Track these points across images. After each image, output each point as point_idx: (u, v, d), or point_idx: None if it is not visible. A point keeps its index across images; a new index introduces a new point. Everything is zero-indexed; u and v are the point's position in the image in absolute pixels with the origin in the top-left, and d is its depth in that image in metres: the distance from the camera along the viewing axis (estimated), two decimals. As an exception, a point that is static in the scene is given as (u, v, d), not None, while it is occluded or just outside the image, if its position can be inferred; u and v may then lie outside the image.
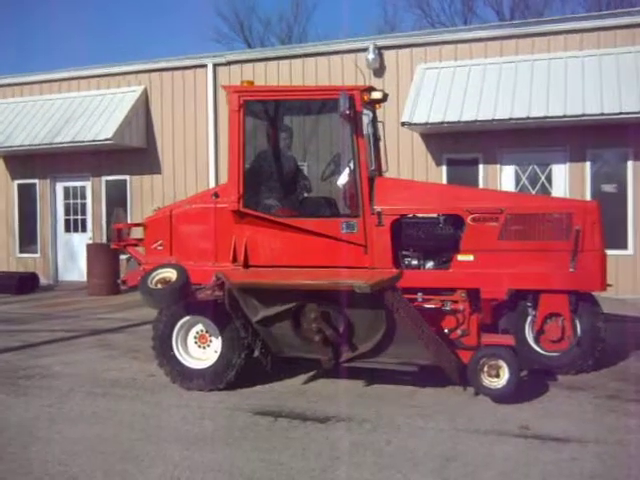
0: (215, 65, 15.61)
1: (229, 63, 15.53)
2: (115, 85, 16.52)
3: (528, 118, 12.24)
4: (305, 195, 7.92)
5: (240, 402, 6.21)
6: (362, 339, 6.20)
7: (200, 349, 6.77)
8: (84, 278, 15.27)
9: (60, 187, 17.13)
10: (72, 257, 16.92)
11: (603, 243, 6.89)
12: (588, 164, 12.87)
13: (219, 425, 5.65)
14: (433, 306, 6.54)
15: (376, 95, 7.38)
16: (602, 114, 11.84)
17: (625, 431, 5.31)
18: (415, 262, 7.24)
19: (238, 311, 6.37)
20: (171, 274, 6.50)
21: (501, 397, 5.99)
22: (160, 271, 6.58)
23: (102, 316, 11.64)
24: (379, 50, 14.19)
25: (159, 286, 6.45)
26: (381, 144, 8.17)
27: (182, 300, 6.51)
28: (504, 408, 5.89)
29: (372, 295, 5.68)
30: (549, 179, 13.13)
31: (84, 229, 16.96)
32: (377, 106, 7.91)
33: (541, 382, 6.63)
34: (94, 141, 15.31)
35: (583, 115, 11.96)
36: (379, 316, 5.98)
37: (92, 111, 16.04)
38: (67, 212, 17.18)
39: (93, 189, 16.74)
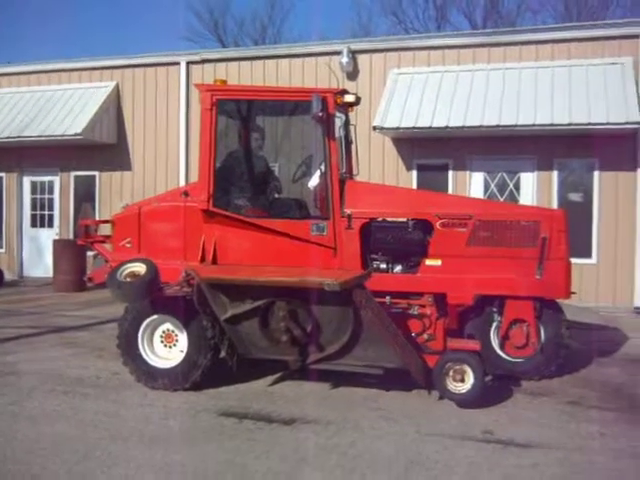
0: (188, 63, 15.52)
1: (203, 61, 15.45)
2: (87, 80, 16.32)
3: (498, 126, 12.38)
4: (275, 196, 7.91)
5: (205, 402, 6.17)
6: (330, 339, 6.21)
7: (166, 348, 6.72)
8: (50, 274, 15.05)
9: (27, 181, 16.86)
10: (38, 253, 16.66)
11: (569, 251, 7.00)
12: (555, 173, 13.05)
13: (183, 425, 5.61)
14: (401, 310, 6.58)
15: (349, 98, 7.40)
16: (570, 124, 12.02)
17: (586, 437, 5.39)
18: (384, 266, 7.26)
19: (206, 308, 6.33)
20: (140, 268, 6.46)
21: (466, 402, 6.04)
22: (129, 265, 6.54)
23: (67, 313, 11.50)
24: (353, 54, 14.24)
25: (128, 280, 6.40)
26: (353, 147, 8.19)
27: (151, 295, 6.47)
28: (468, 413, 5.94)
29: (341, 294, 5.71)
30: (517, 187, 13.29)
31: (51, 224, 16.73)
32: (350, 109, 7.94)
33: (505, 387, 6.71)
34: (63, 136, 15.11)
35: (552, 125, 12.12)
36: (347, 316, 6.00)
37: (63, 105, 15.84)
38: (34, 207, 16.91)
39: (61, 184, 16.52)
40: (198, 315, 6.46)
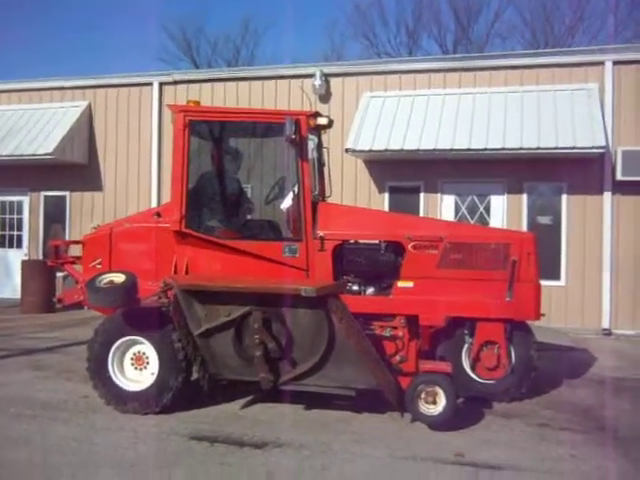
0: (161, 84, 15.50)
1: (176, 82, 15.45)
2: (58, 99, 16.21)
3: (469, 149, 12.53)
4: (248, 217, 7.91)
5: (176, 426, 6.10)
6: (303, 355, 6.17)
7: (137, 371, 6.65)
8: (18, 295, 14.81)
9: (-4, 201, 16.65)
10: (6, 273, 16.38)
11: (538, 274, 7.09)
12: (525, 196, 13.23)
13: (154, 449, 5.54)
14: (373, 332, 6.58)
15: (322, 121, 7.45)
16: (539, 148, 12.21)
17: (556, 459, 5.43)
18: (356, 287, 7.28)
19: (181, 321, 6.30)
20: (119, 278, 6.52)
21: (437, 424, 6.05)
22: (108, 275, 6.63)
23: (35, 335, 11.31)
24: (326, 77, 14.34)
25: (107, 285, 6.44)
26: (325, 169, 8.23)
27: (128, 303, 6.47)
28: (440, 435, 5.95)
29: (316, 304, 5.77)
30: (487, 209, 13.44)
31: (19, 245, 16.49)
32: (323, 132, 7.99)
33: (477, 409, 6.73)
34: (34, 155, 14.95)
35: (521, 149, 12.31)
36: (322, 329, 5.98)
37: (33, 125, 15.68)
38: (2, 227, 16.66)
39: (31, 204, 16.32)
40: (170, 337, 6.42)
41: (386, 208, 13.71)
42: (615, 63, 12.89)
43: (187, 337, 6.36)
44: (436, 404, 6.06)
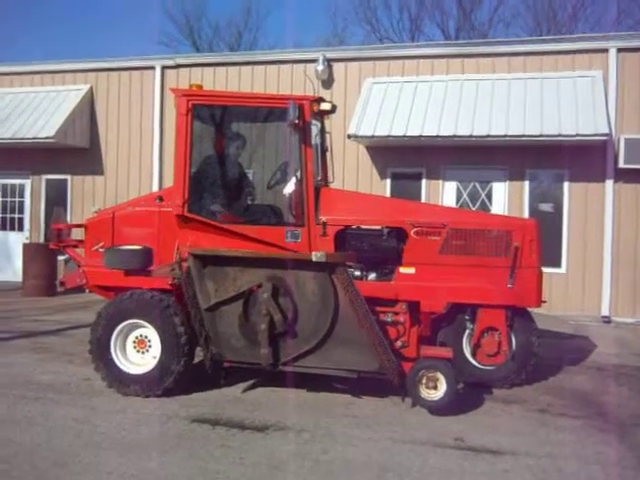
0: (163, 67, 15.46)
1: (178, 66, 15.41)
2: (60, 82, 16.15)
3: (471, 136, 12.52)
4: (251, 202, 7.90)
5: (178, 409, 6.14)
6: (308, 331, 6.20)
7: (139, 354, 6.69)
8: (19, 278, 14.83)
9: (-3, 184, 16.66)
10: (7, 256, 16.42)
11: (540, 260, 7.10)
12: (527, 183, 13.23)
13: (155, 432, 5.58)
14: (375, 317, 6.59)
15: (325, 106, 7.42)
16: (541, 135, 12.20)
17: (555, 444, 5.47)
18: (358, 273, 7.29)
19: (192, 294, 6.38)
20: (136, 247, 7.02)
21: (438, 409, 6.09)
22: (126, 246, 7.08)
23: (37, 318, 11.35)
24: (328, 62, 14.30)
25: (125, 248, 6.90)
26: (328, 155, 8.22)
27: (144, 266, 6.81)
28: (440, 420, 5.99)
29: (324, 276, 5.94)
30: (489, 196, 13.44)
31: (21, 228, 16.51)
32: (326, 117, 7.97)
33: (477, 395, 6.78)
34: (35, 139, 14.94)
35: (523, 135, 12.30)
36: (328, 302, 6.05)
37: (35, 108, 15.66)
38: (4, 210, 16.69)
39: (32, 187, 16.32)
40: (173, 320, 6.46)
41: (388, 194, 13.72)
42: (619, 50, 12.85)
43: (196, 312, 6.41)
44: (437, 389, 6.09)
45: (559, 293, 12.56)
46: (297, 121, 6.83)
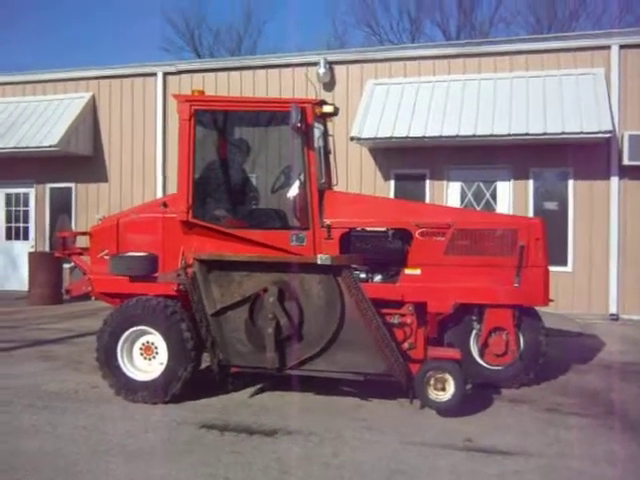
0: (165, 74, 15.49)
1: (179, 72, 15.44)
2: (62, 91, 16.20)
3: (474, 136, 12.49)
4: (255, 206, 7.90)
5: (186, 415, 6.13)
6: (314, 335, 6.19)
7: (146, 361, 6.69)
8: (25, 287, 14.87)
9: (2, 193, 16.68)
10: (13, 265, 16.45)
11: (546, 259, 7.07)
12: (531, 182, 13.19)
13: (164, 438, 5.57)
14: (381, 319, 6.58)
15: (328, 109, 7.42)
16: (545, 133, 12.16)
17: (565, 444, 5.44)
18: (363, 275, 7.28)
19: (198, 300, 6.39)
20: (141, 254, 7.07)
21: (447, 410, 6.07)
22: (131, 253, 7.14)
23: (44, 326, 11.36)
24: (330, 65, 14.30)
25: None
26: (331, 158, 8.21)
27: (149, 272, 6.82)
28: (449, 421, 5.97)
29: (329, 279, 5.93)
30: (494, 196, 13.41)
31: (26, 237, 16.54)
32: (328, 120, 7.96)
33: (485, 395, 6.75)
34: (39, 147, 14.97)
35: (527, 134, 12.26)
36: (334, 305, 6.03)
37: (38, 116, 15.69)
38: (8, 219, 16.74)
39: (37, 196, 16.37)
40: (179, 327, 6.46)
41: (392, 196, 13.70)
42: (621, 47, 12.81)
43: (202, 318, 6.40)
44: (445, 390, 6.07)
45: (566, 291, 12.51)
46: (300, 124, 6.83)
